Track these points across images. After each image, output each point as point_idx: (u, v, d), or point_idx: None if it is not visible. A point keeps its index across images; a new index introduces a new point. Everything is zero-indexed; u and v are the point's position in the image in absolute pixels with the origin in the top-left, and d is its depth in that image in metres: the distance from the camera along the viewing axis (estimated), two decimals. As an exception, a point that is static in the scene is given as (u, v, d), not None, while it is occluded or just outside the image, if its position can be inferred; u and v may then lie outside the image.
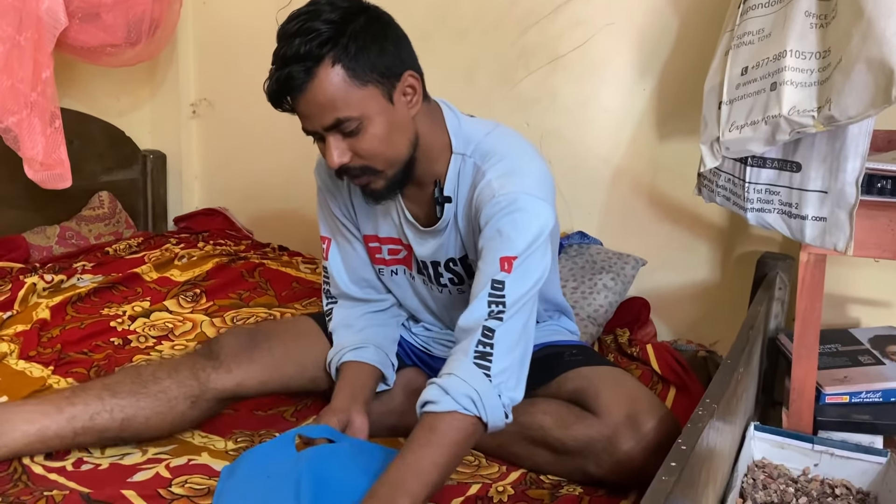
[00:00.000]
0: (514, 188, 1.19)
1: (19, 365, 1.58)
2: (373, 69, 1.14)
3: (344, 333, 1.42)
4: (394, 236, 1.39)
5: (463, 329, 1.16)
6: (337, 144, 1.16)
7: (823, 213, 1.29)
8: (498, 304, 1.14)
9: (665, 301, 1.98)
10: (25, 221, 2.24)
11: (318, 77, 1.11)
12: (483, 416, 1.11)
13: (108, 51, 2.15)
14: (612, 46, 1.93)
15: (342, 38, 1.11)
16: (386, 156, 1.19)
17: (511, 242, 1.16)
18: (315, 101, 1.13)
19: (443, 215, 1.29)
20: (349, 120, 1.14)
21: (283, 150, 2.48)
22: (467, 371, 1.11)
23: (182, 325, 1.84)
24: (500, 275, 1.15)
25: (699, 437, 0.94)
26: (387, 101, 1.17)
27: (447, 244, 1.33)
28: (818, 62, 1.22)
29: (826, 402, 1.41)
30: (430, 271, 1.37)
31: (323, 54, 1.11)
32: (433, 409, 1.10)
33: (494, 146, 1.26)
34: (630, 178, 1.98)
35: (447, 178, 1.28)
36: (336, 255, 1.45)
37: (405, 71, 1.19)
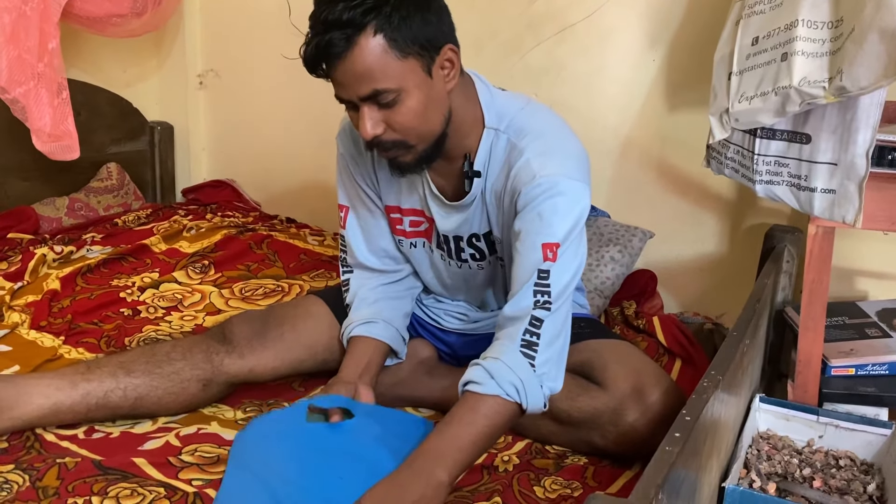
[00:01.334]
0: (555, 170, 1.17)
1: (31, 335, 1.60)
2: (414, 41, 1.11)
3: (357, 306, 1.42)
4: (417, 208, 1.37)
5: (509, 317, 1.16)
6: (371, 115, 1.13)
7: (833, 186, 1.28)
8: (544, 293, 1.14)
9: (672, 273, 1.98)
10: (35, 193, 2.25)
11: (359, 45, 1.08)
12: (524, 404, 1.13)
13: (114, 21, 2.14)
14: (621, 16, 1.91)
15: (386, 6, 1.08)
16: (420, 130, 1.17)
17: (552, 228, 1.15)
18: (353, 70, 1.10)
19: (471, 190, 1.28)
20: (387, 91, 1.11)
21: (291, 122, 2.47)
22: (513, 359, 1.12)
23: (191, 297, 1.85)
24: (545, 264, 1.14)
25: (703, 408, 0.95)
26: (426, 74, 1.14)
27: (472, 219, 1.32)
28: (830, 32, 1.20)
29: (832, 374, 1.41)
30: (452, 245, 1.37)
31: (366, 22, 1.08)
32: (477, 389, 1.11)
33: (530, 122, 1.24)
34: (638, 150, 1.97)
35: (478, 152, 1.26)
36: (354, 223, 1.43)
37: (445, 44, 1.16)
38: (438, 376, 1.44)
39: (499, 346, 1.15)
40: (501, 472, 1.22)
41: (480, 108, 1.26)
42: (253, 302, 1.84)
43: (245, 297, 1.86)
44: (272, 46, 2.41)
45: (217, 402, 1.39)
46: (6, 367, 1.46)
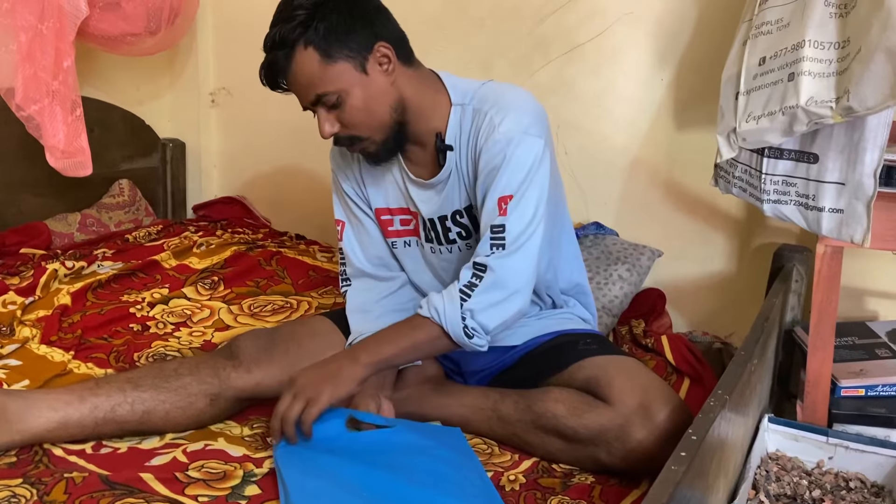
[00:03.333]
0: (511, 125, 1.28)
1: (41, 349, 1.61)
2: (342, 46, 1.24)
3: (361, 319, 1.44)
4: (402, 206, 1.44)
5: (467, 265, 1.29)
6: (325, 117, 1.28)
7: (840, 205, 1.28)
8: (499, 246, 1.26)
9: (681, 292, 1.98)
10: (47, 208, 2.27)
11: (296, 59, 1.24)
12: (445, 327, 1.27)
13: (129, 40, 2.16)
14: (629, 36, 1.92)
15: (312, 21, 1.22)
16: (368, 123, 1.29)
17: (507, 181, 1.26)
18: (297, 81, 1.26)
19: (445, 163, 1.35)
20: (327, 94, 1.25)
21: (301, 140, 2.48)
22: (449, 293, 1.28)
23: (200, 312, 1.86)
24: (499, 219, 1.26)
25: (710, 427, 0.94)
26: (361, 72, 1.26)
27: (451, 195, 1.37)
28: (837, 52, 1.21)
29: (841, 394, 1.40)
30: (439, 228, 1.41)
31: (296, 38, 1.23)
32: (419, 311, 1.30)
33: (492, 89, 1.35)
34: (647, 169, 1.97)
35: (448, 128, 1.35)
36: (350, 234, 1.50)
37: (376, 43, 1.27)
38: (445, 394, 1.44)
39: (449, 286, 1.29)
40: (508, 491, 1.22)
41: (446, 92, 1.36)
42: (261, 318, 1.85)
43: (254, 313, 1.87)
44: (283, 65, 2.44)
45: (226, 418, 1.39)
46: (16, 382, 1.47)
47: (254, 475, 1.20)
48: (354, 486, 1.13)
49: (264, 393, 1.37)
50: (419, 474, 1.16)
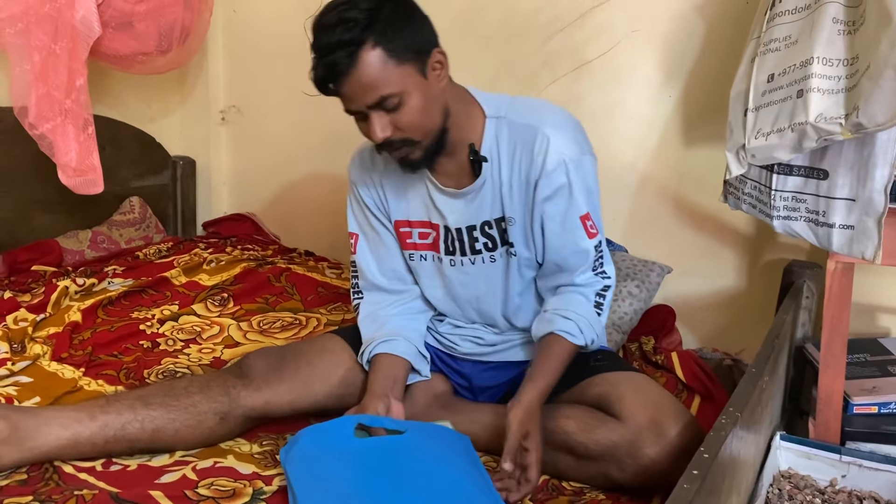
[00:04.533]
0: (571, 146, 1.34)
1: (52, 366, 1.62)
2: (408, 48, 1.23)
3: (373, 326, 1.46)
4: (423, 219, 1.43)
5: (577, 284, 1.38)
6: (379, 120, 1.25)
7: (851, 222, 1.28)
8: (599, 261, 1.38)
9: (691, 309, 1.97)
10: (59, 226, 2.28)
11: (361, 60, 1.20)
12: (590, 347, 1.38)
13: (140, 59, 2.19)
14: (637, 53, 1.93)
15: (378, 23, 1.20)
16: (423, 127, 1.28)
17: (581, 202, 1.35)
18: (359, 82, 1.21)
19: (480, 174, 1.35)
20: (391, 96, 1.23)
21: (311, 157, 2.51)
22: (593, 317, 1.37)
23: (209, 329, 1.86)
24: (594, 240, 1.37)
25: (722, 445, 0.94)
26: (421, 76, 1.26)
27: (483, 204, 1.38)
28: (846, 69, 1.21)
29: (854, 412, 1.39)
30: (465, 238, 1.41)
31: (364, 39, 1.19)
32: (571, 339, 1.34)
33: (526, 103, 1.39)
34: (655, 185, 1.97)
35: (484, 139, 1.36)
36: (364, 247, 1.50)
37: (433, 48, 1.28)
38: (454, 410, 1.43)
39: (577, 303, 1.37)
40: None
41: (478, 104, 1.37)
42: (270, 335, 1.85)
43: (263, 329, 1.87)
44: (293, 83, 2.44)
45: (236, 437, 1.38)
46: (27, 399, 1.47)
47: (263, 493, 1.20)
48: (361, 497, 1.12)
49: (274, 412, 1.37)
50: (428, 484, 1.16)
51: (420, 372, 1.46)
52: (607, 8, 1.93)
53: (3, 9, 1.91)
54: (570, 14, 1.98)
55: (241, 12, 2.55)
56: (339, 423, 1.27)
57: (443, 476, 1.17)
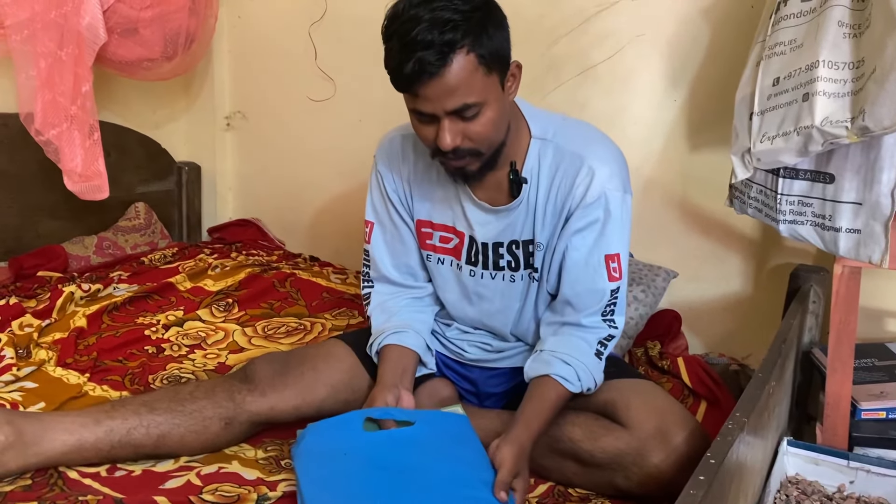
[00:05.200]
0: (614, 182, 1.30)
1: (57, 372, 1.62)
2: (497, 58, 1.19)
3: (382, 317, 1.46)
4: (448, 224, 1.41)
5: (583, 325, 1.33)
6: (452, 127, 1.20)
7: (857, 225, 1.27)
8: (612, 305, 1.33)
9: (697, 314, 1.96)
10: (65, 231, 2.29)
11: (454, 63, 1.14)
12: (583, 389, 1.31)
13: (146, 65, 2.20)
14: (642, 57, 1.93)
15: (475, 26, 1.15)
16: (492, 139, 1.24)
17: (610, 239, 1.31)
18: (446, 86, 1.15)
19: (519, 194, 1.33)
20: (474, 105, 1.18)
21: (316, 163, 2.51)
22: (594, 365, 1.32)
23: (214, 335, 1.86)
24: (613, 284, 1.32)
25: (728, 450, 0.93)
26: (500, 88, 1.22)
27: (516, 224, 1.36)
28: (851, 72, 1.20)
29: (862, 417, 1.38)
30: (490, 254, 1.39)
31: (459, 42, 1.14)
32: (569, 387, 1.28)
33: (577, 131, 1.35)
34: (661, 189, 1.97)
35: (527, 160, 1.33)
36: (379, 237, 1.48)
37: (512, 61, 1.24)
38: (459, 416, 1.43)
39: (578, 349, 1.32)
40: (523, 515, 1.20)
41: (524, 120, 1.33)
42: (275, 340, 1.85)
43: (267, 335, 1.87)
44: (298, 89, 2.46)
45: (240, 443, 1.38)
46: (32, 404, 1.47)
47: (267, 498, 1.20)
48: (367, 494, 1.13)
49: (278, 417, 1.37)
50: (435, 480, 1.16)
51: (426, 364, 1.45)
52: (612, 12, 1.93)
53: (10, 16, 1.92)
54: (575, 19, 1.98)
55: (245, 18, 2.56)
56: (348, 418, 1.27)
57: (450, 471, 1.18)
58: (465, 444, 1.25)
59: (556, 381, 1.28)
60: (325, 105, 2.41)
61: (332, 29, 2.33)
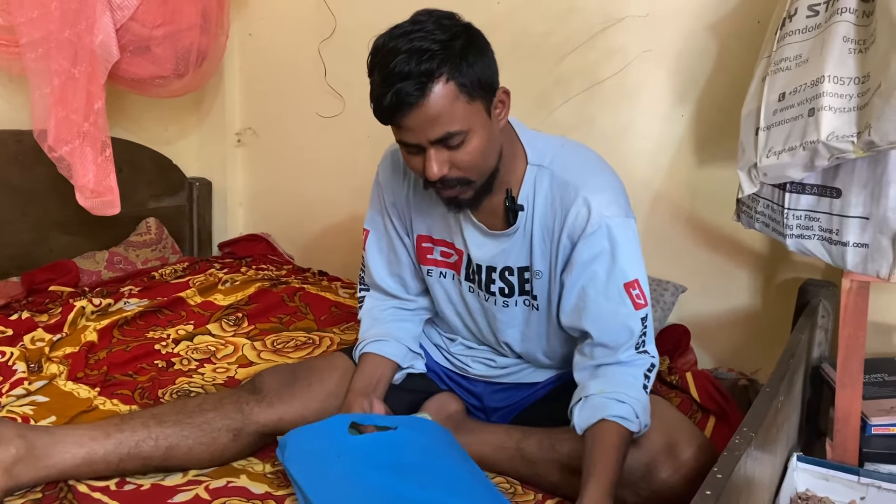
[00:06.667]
0: (614, 210, 1.27)
1: (67, 386, 1.63)
2: (479, 85, 1.18)
3: (368, 323, 1.49)
4: (447, 240, 1.41)
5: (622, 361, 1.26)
6: (439, 157, 1.19)
7: (865, 240, 1.27)
8: (644, 334, 1.27)
9: (705, 328, 1.96)
10: (76, 247, 2.31)
11: (433, 93, 1.14)
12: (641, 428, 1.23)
13: (157, 82, 2.22)
14: (649, 73, 1.93)
15: (454, 55, 1.15)
16: (481, 167, 1.23)
17: (623, 267, 1.26)
18: (427, 115, 1.15)
19: (515, 222, 1.32)
20: (458, 133, 1.17)
21: (325, 178, 2.53)
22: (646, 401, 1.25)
23: (224, 349, 1.87)
24: (641, 311, 1.27)
25: (735, 465, 0.93)
26: (486, 115, 1.21)
27: (510, 251, 1.35)
28: (857, 87, 1.21)
29: (872, 433, 1.38)
30: (483, 276, 1.39)
31: (437, 71, 1.13)
32: (628, 425, 1.20)
33: (574, 158, 1.33)
34: (669, 204, 1.97)
35: (522, 187, 1.31)
36: (375, 247, 1.50)
37: (499, 86, 1.24)
38: (467, 431, 1.43)
39: (628, 385, 1.24)
40: (531, 530, 1.20)
41: (521, 145, 1.32)
42: (284, 354, 1.85)
43: (276, 349, 1.88)
44: (308, 105, 2.48)
45: (248, 455, 1.39)
46: (43, 418, 1.48)
47: (275, 513, 1.20)
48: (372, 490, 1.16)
49: (287, 428, 1.37)
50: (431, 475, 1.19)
51: (413, 367, 1.48)
52: (619, 28, 1.94)
53: (25, 35, 1.95)
54: (582, 35, 1.99)
55: (256, 36, 2.59)
56: (332, 423, 1.29)
57: (441, 466, 1.21)
58: (445, 443, 1.29)
59: (614, 423, 1.18)
60: (334, 121, 2.43)
61: (341, 46, 2.36)
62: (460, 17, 1.21)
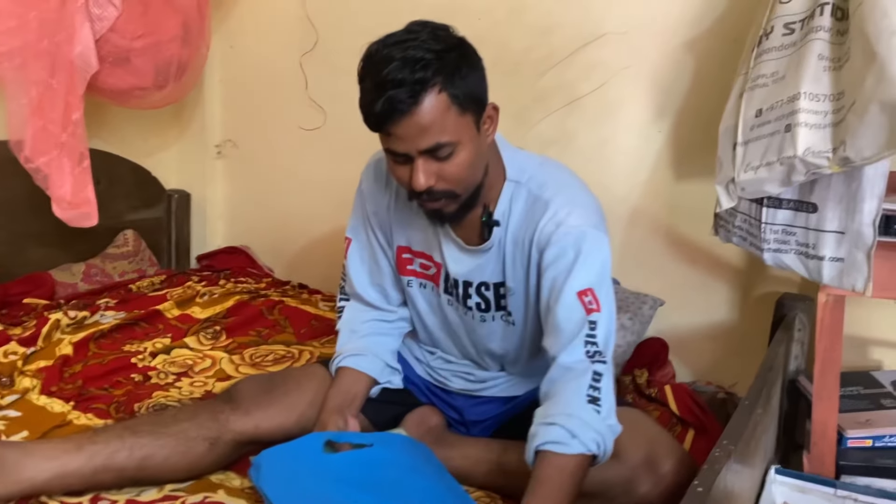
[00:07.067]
0: (580, 221, 1.26)
1: (40, 400, 1.60)
2: (471, 98, 1.18)
3: (347, 337, 1.47)
4: (425, 252, 1.41)
5: (566, 368, 1.20)
6: (426, 168, 1.18)
7: (841, 254, 1.29)
8: (592, 343, 1.21)
9: (684, 342, 1.97)
10: (52, 259, 2.28)
11: (425, 102, 1.13)
12: (601, 457, 1.16)
13: (137, 93, 2.21)
14: (628, 89, 1.95)
15: (448, 66, 1.15)
16: (467, 181, 1.23)
17: (584, 276, 1.23)
18: (418, 124, 1.14)
19: (490, 237, 1.31)
20: (447, 145, 1.17)
21: (306, 191, 2.52)
22: (588, 414, 1.15)
23: (202, 362, 1.85)
24: (591, 315, 1.21)
25: (716, 478, 0.93)
26: (476, 129, 1.21)
27: (486, 266, 1.34)
28: (832, 104, 1.23)
29: (848, 445, 1.39)
30: (460, 291, 1.38)
31: (431, 80, 1.13)
32: (563, 450, 1.12)
33: (550, 177, 1.32)
34: (647, 219, 1.98)
35: (499, 202, 1.31)
36: (356, 256, 1.49)
37: (489, 101, 1.24)
38: (448, 445, 1.42)
39: (566, 401, 1.17)
40: (511, 544, 1.19)
41: (501, 161, 1.32)
42: (262, 368, 1.84)
43: (255, 363, 1.86)
44: (289, 118, 2.48)
45: (225, 465, 1.37)
46: (15, 433, 1.46)
47: (253, 528, 1.19)
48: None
49: (263, 436, 1.36)
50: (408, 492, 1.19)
51: (391, 382, 1.46)
52: (598, 45, 1.96)
53: (2, 44, 1.92)
54: (562, 51, 2.01)
55: (237, 48, 2.58)
56: (306, 441, 1.28)
57: (418, 483, 1.21)
58: (422, 460, 1.29)
59: (545, 451, 1.13)
60: (316, 134, 2.43)
61: (323, 59, 2.36)
62: (455, 29, 1.22)
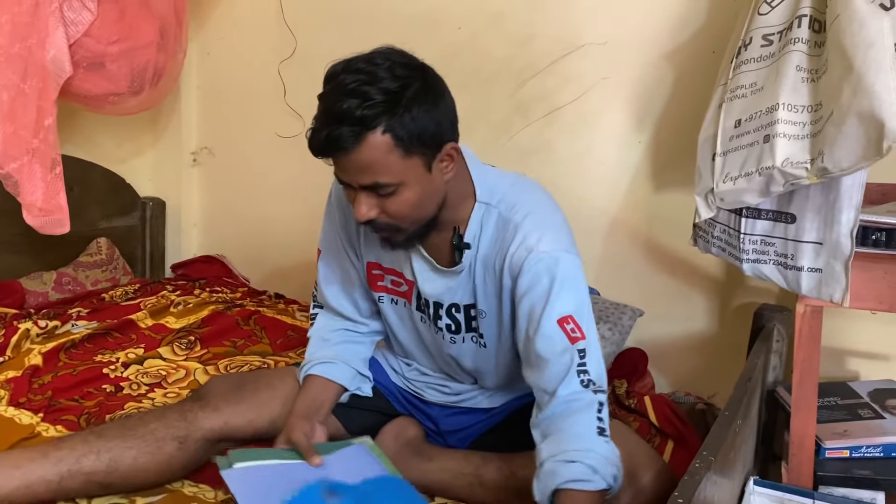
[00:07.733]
0: (552, 246, 1.22)
1: (8, 412, 1.56)
2: (419, 141, 1.13)
3: (318, 345, 1.46)
4: (396, 269, 1.39)
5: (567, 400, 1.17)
6: (367, 201, 1.16)
7: (819, 265, 1.29)
8: (584, 372, 1.18)
9: (663, 352, 1.97)
10: (23, 267, 2.24)
11: (367, 142, 1.10)
12: (615, 488, 1.14)
13: (112, 99, 2.18)
14: (607, 99, 1.96)
15: (398, 107, 1.10)
16: (413, 217, 1.20)
17: (563, 303, 1.19)
18: (358, 162, 1.12)
19: (461, 260, 1.29)
20: (388, 185, 1.14)
21: (282, 199, 2.50)
22: (604, 448, 1.14)
23: (175, 373, 1.82)
24: (579, 343, 1.19)
25: (696, 490, 0.92)
26: (426, 170, 1.17)
27: (457, 288, 1.32)
28: (810, 115, 1.24)
29: (826, 456, 1.39)
30: (431, 311, 1.37)
31: (374, 121, 1.09)
32: (587, 487, 1.10)
33: (521, 198, 1.28)
34: (626, 229, 1.99)
35: (469, 224, 1.28)
36: (326, 266, 1.48)
37: (447, 142, 1.19)
38: (426, 457, 1.40)
39: (578, 436, 1.14)
40: (490, 558, 1.18)
41: (471, 182, 1.28)
42: (238, 379, 1.81)
43: (230, 373, 1.83)
44: (266, 125, 2.46)
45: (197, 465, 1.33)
46: (-19, 445, 1.42)
47: (226, 543, 1.16)
48: None
49: (233, 433, 1.34)
50: None
51: (361, 389, 1.45)
52: (578, 56, 1.97)
53: (-28, 48, 1.89)
54: (542, 61, 2.01)
55: (214, 55, 2.56)
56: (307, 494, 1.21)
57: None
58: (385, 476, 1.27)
59: (569, 490, 1.10)
60: (293, 142, 2.41)
61: (301, 66, 2.34)
62: (420, 62, 1.17)
